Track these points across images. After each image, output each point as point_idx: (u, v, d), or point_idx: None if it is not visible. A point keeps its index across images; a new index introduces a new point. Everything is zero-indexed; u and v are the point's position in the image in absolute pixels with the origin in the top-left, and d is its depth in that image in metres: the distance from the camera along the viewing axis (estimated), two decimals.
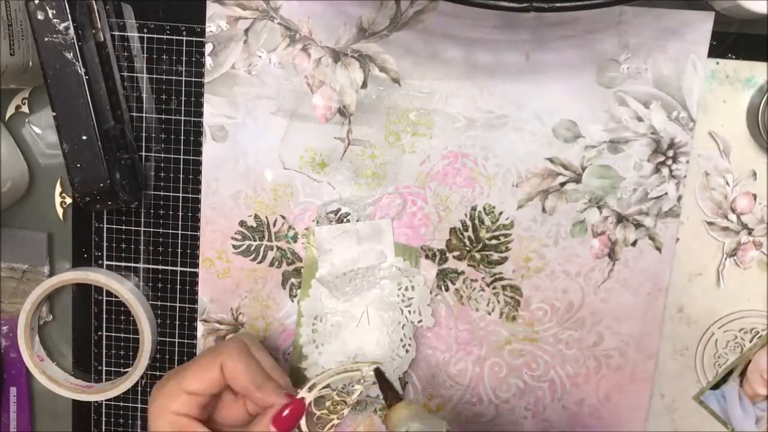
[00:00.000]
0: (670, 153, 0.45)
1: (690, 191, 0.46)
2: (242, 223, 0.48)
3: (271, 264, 0.48)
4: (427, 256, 0.47)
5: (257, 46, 0.46)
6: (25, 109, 0.48)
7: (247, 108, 0.46)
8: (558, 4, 0.35)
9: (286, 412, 0.39)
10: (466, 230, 0.47)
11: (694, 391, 0.49)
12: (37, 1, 0.42)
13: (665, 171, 0.45)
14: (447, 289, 0.48)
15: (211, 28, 0.45)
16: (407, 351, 0.48)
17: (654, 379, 0.48)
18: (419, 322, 0.47)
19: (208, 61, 0.46)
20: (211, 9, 0.45)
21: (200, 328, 0.49)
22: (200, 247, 0.48)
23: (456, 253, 0.47)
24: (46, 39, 0.42)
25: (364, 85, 0.46)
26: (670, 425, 0.49)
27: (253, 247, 0.48)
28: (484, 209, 0.47)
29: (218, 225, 0.48)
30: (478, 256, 0.47)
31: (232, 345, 0.40)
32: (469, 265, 0.47)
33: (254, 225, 0.48)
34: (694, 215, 0.46)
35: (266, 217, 0.48)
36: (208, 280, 0.49)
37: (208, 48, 0.46)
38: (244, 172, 0.47)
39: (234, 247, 0.48)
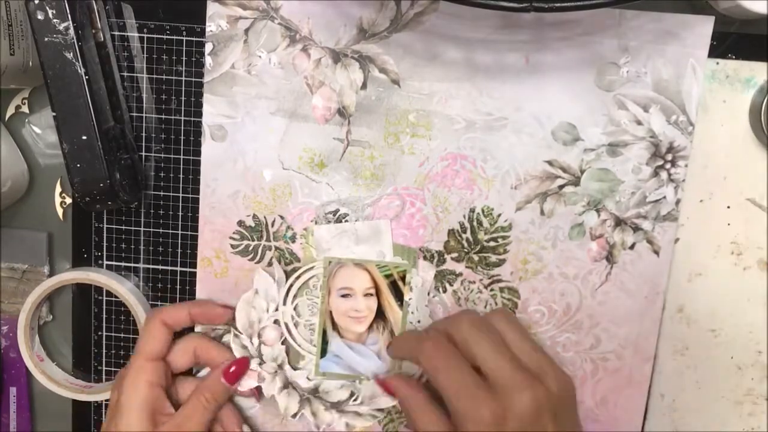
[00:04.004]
0: (669, 157, 0.45)
1: (690, 191, 0.46)
2: (241, 223, 0.48)
3: (270, 264, 0.48)
4: (425, 258, 0.47)
5: (257, 46, 0.46)
6: (25, 109, 0.48)
7: (246, 108, 0.46)
8: (558, 5, 0.35)
9: (233, 368, 0.47)
10: (465, 232, 0.47)
11: (694, 390, 0.49)
12: (37, 1, 0.42)
13: (664, 175, 0.45)
14: (445, 291, 0.48)
15: (211, 27, 0.45)
16: None
17: (654, 379, 0.48)
18: (418, 322, 0.48)
19: (208, 60, 0.46)
20: (211, 9, 0.45)
21: (197, 327, 0.49)
22: (198, 246, 0.48)
23: (454, 255, 0.47)
24: (46, 39, 0.42)
25: (364, 86, 0.46)
26: (670, 425, 0.49)
27: (251, 247, 0.48)
28: (483, 211, 0.47)
29: (217, 225, 0.48)
30: (476, 257, 0.47)
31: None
32: (467, 267, 0.47)
33: (253, 225, 0.48)
34: (694, 215, 0.46)
35: (265, 217, 0.48)
36: (206, 279, 0.49)
37: (208, 48, 0.46)
38: (243, 171, 0.47)
39: (232, 246, 0.48)
